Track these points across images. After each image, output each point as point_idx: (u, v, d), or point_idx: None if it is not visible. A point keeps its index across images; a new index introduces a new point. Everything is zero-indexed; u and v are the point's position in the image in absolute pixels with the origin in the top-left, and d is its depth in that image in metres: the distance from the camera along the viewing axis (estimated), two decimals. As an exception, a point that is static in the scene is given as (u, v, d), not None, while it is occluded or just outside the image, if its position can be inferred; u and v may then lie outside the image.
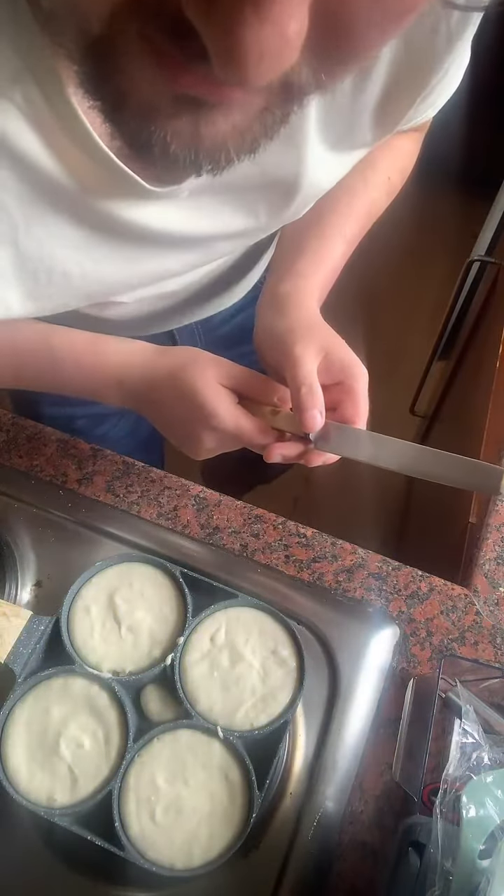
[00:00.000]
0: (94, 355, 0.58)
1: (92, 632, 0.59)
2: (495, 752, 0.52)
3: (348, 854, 0.56)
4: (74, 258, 0.48)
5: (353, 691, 0.62)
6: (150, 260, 0.53)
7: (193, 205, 0.49)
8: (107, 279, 0.52)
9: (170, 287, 0.65)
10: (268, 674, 0.57)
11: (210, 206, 0.50)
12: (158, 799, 0.52)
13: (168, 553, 0.68)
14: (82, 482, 0.74)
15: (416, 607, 0.67)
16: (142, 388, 0.58)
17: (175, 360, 0.56)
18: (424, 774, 0.53)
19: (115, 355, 0.58)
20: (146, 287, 0.59)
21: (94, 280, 0.51)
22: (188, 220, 0.50)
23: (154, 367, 0.57)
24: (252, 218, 0.54)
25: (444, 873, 0.45)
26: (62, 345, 0.58)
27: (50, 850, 0.55)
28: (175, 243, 0.52)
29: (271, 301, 0.59)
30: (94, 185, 0.43)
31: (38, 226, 0.44)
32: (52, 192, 0.42)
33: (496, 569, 0.70)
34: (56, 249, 0.46)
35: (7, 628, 0.57)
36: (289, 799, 0.58)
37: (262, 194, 0.52)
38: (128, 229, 0.47)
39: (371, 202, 0.65)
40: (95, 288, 0.52)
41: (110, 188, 0.43)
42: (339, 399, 0.53)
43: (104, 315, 0.65)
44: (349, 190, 0.62)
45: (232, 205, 0.52)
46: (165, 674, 0.58)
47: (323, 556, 0.70)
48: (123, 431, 0.95)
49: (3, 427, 0.78)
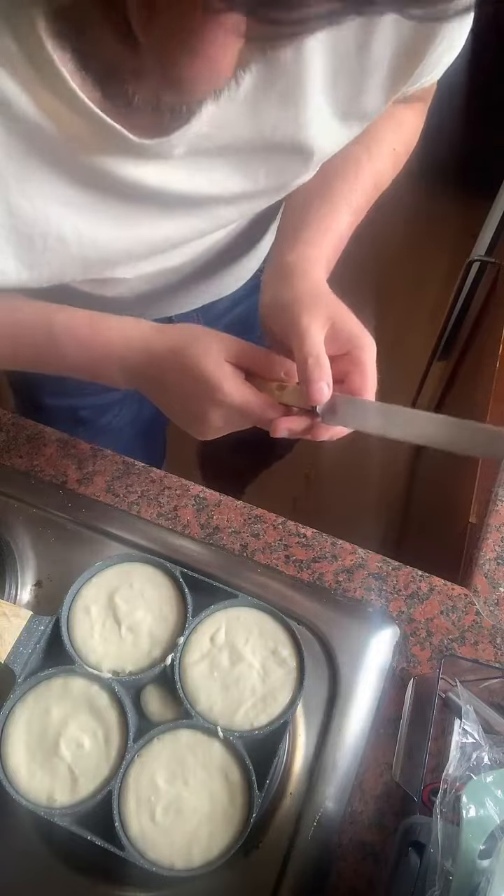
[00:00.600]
0: (94, 334, 0.57)
1: (92, 632, 0.59)
2: (495, 752, 0.52)
3: (348, 854, 0.56)
4: (70, 220, 0.47)
5: (353, 691, 0.62)
6: (148, 223, 0.52)
7: (190, 165, 0.48)
8: (104, 244, 0.51)
9: (170, 262, 0.64)
10: (268, 674, 0.57)
11: (207, 167, 0.49)
12: (158, 799, 0.52)
13: (168, 553, 0.68)
14: (82, 482, 0.75)
15: (416, 607, 0.67)
16: (144, 366, 0.56)
17: (177, 337, 0.55)
18: (424, 774, 0.53)
19: (116, 334, 0.57)
20: (146, 259, 0.58)
21: (91, 245, 0.50)
22: (185, 181, 0.49)
23: (156, 344, 0.55)
24: (251, 180, 0.53)
25: (444, 873, 0.45)
26: (62, 323, 0.57)
27: (50, 850, 0.55)
28: (172, 204, 0.51)
29: (277, 271, 0.58)
30: (80, 138, 0.42)
31: (29, 182, 0.43)
32: (41, 146, 0.42)
33: (496, 569, 0.70)
34: (50, 209, 0.45)
35: (7, 628, 0.57)
36: (289, 799, 0.58)
37: (261, 156, 0.51)
38: (122, 187, 0.47)
39: (377, 173, 0.64)
40: (93, 255, 0.51)
41: (96, 141, 0.43)
42: (346, 370, 0.51)
43: (104, 293, 0.64)
44: (355, 161, 0.62)
45: (230, 166, 0.51)
46: (165, 674, 0.58)
47: (323, 556, 0.70)
48: (125, 420, 0.95)
49: (3, 427, 0.78)
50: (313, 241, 0.58)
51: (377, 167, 0.63)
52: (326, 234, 0.59)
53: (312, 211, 0.60)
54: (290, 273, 0.56)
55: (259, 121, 0.47)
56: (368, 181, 0.63)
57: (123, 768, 0.52)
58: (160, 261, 0.62)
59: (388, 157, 0.64)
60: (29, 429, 0.78)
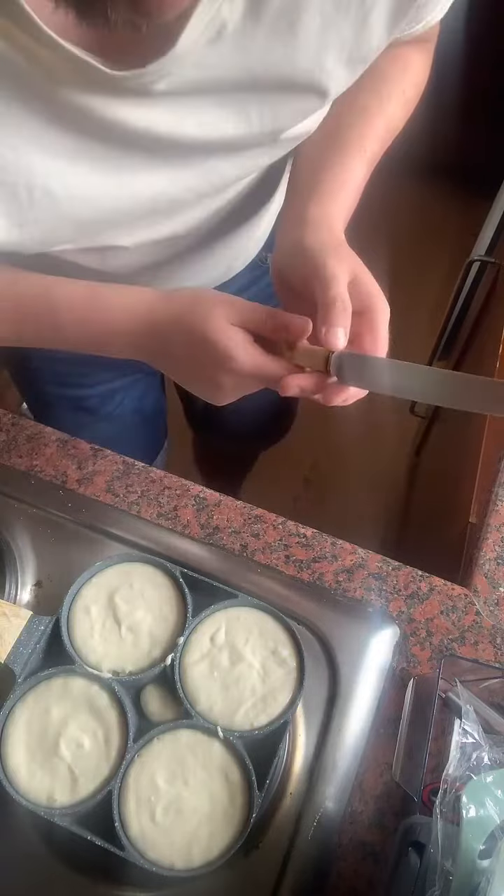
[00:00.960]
0: (94, 310, 0.55)
1: (92, 632, 0.59)
2: (495, 752, 0.52)
3: (348, 854, 0.56)
4: (55, 169, 0.45)
5: (353, 691, 0.62)
6: (140, 172, 0.50)
7: (174, 104, 0.46)
8: (95, 198, 0.49)
9: (169, 229, 0.62)
10: (268, 674, 0.57)
11: (194, 106, 0.47)
12: (158, 799, 0.52)
13: (168, 553, 0.68)
14: (82, 482, 0.74)
15: (416, 607, 0.67)
16: (149, 338, 0.55)
17: (179, 305, 0.53)
18: (424, 774, 0.53)
19: (118, 305, 0.55)
20: (143, 222, 0.56)
21: (81, 198, 0.48)
22: (172, 122, 0.47)
23: (159, 314, 0.54)
24: (243, 121, 0.50)
25: (444, 873, 0.45)
26: (62, 297, 0.55)
27: (50, 850, 0.55)
28: (161, 152, 0.49)
29: (298, 222, 0.56)
30: (53, 73, 0.40)
31: (6, 126, 0.42)
32: (13, 84, 0.40)
33: (496, 569, 0.70)
34: (33, 157, 0.44)
35: (7, 628, 0.57)
36: (289, 799, 0.58)
37: (252, 95, 0.48)
38: (105, 128, 0.45)
39: (389, 118, 0.62)
40: (85, 211, 0.50)
41: (70, 75, 0.41)
42: (358, 332, 0.50)
43: (104, 268, 0.62)
44: (365, 108, 0.61)
45: (218, 107, 0.48)
46: (165, 674, 0.58)
47: (323, 556, 0.70)
48: (128, 409, 0.95)
49: (3, 427, 0.78)
50: (333, 193, 0.57)
51: (388, 112, 0.62)
52: (344, 186, 0.58)
53: (328, 163, 0.59)
54: (314, 224, 0.54)
55: (248, 57, 0.44)
56: (381, 128, 0.62)
57: (123, 768, 0.52)
58: (158, 227, 0.60)
59: (399, 101, 0.63)
60: (29, 429, 0.78)
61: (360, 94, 0.56)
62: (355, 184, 0.59)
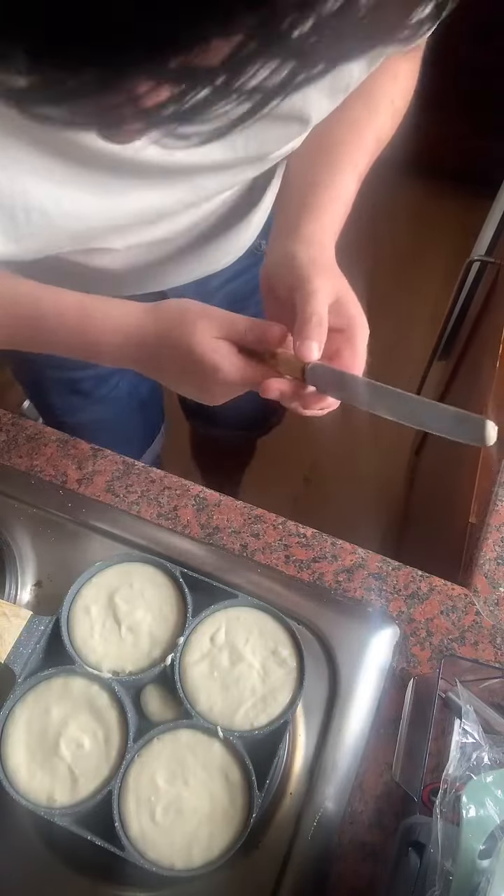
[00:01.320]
0: (82, 330, 0.57)
1: (92, 632, 0.59)
2: (495, 752, 0.52)
3: (348, 854, 0.56)
4: (50, 192, 0.47)
5: (353, 691, 0.62)
6: (130, 192, 0.52)
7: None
8: (87, 215, 0.51)
9: (160, 233, 0.64)
10: (268, 674, 0.57)
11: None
12: (158, 799, 0.52)
13: (168, 553, 0.68)
14: (82, 482, 0.74)
15: (416, 607, 0.67)
16: (138, 353, 0.57)
17: (165, 321, 0.55)
18: (424, 774, 0.53)
19: (106, 321, 0.57)
20: (134, 229, 0.58)
21: (74, 217, 0.50)
22: (159, 151, 0.48)
23: (147, 328, 0.56)
24: (229, 149, 0.52)
25: (444, 873, 0.45)
26: (51, 311, 0.57)
27: (50, 850, 0.55)
28: (152, 175, 0.51)
29: (292, 234, 0.58)
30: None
31: (4, 157, 0.44)
32: (5, 116, 0.42)
33: (496, 569, 0.70)
34: (28, 182, 0.46)
35: (7, 628, 0.57)
36: (289, 799, 0.58)
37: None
38: (94, 157, 0.47)
39: (378, 129, 0.64)
40: (78, 227, 0.52)
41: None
42: (338, 347, 0.53)
43: (96, 266, 0.64)
44: (355, 121, 0.62)
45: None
46: (165, 674, 0.58)
47: (323, 556, 0.70)
48: (124, 391, 0.96)
49: (3, 427, 0.78)
50: (326, 208, 0.59)
51: (377, 124, 0.63)
52: (335, 202, 0.60)
53: (320, 179, 0.60)
54: (307, 240, 0.56)
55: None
56: (370, 140, 0.63)
57: (123, 768, 0.52)
58: (149, 232, 0.62)
59: (388, 112, 0.64)
60: (29, 429, 0.78)
61: (349, 106, 0.57)
62: (346, 198, 0.61)
